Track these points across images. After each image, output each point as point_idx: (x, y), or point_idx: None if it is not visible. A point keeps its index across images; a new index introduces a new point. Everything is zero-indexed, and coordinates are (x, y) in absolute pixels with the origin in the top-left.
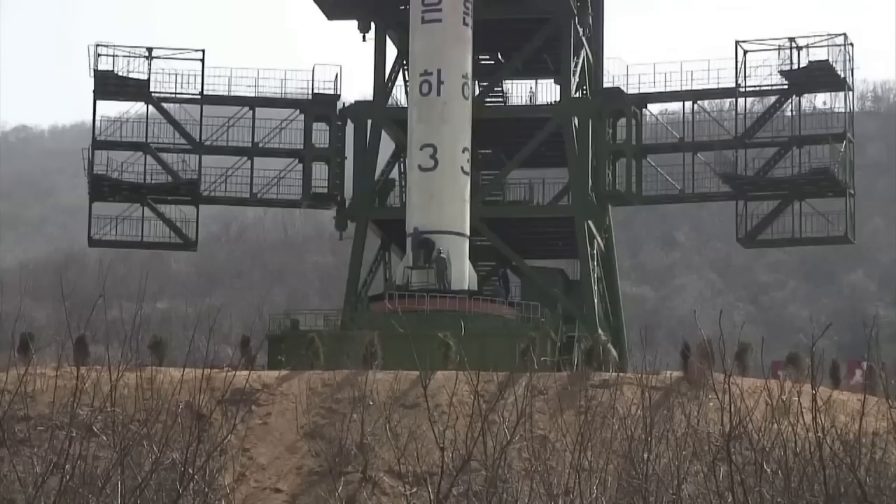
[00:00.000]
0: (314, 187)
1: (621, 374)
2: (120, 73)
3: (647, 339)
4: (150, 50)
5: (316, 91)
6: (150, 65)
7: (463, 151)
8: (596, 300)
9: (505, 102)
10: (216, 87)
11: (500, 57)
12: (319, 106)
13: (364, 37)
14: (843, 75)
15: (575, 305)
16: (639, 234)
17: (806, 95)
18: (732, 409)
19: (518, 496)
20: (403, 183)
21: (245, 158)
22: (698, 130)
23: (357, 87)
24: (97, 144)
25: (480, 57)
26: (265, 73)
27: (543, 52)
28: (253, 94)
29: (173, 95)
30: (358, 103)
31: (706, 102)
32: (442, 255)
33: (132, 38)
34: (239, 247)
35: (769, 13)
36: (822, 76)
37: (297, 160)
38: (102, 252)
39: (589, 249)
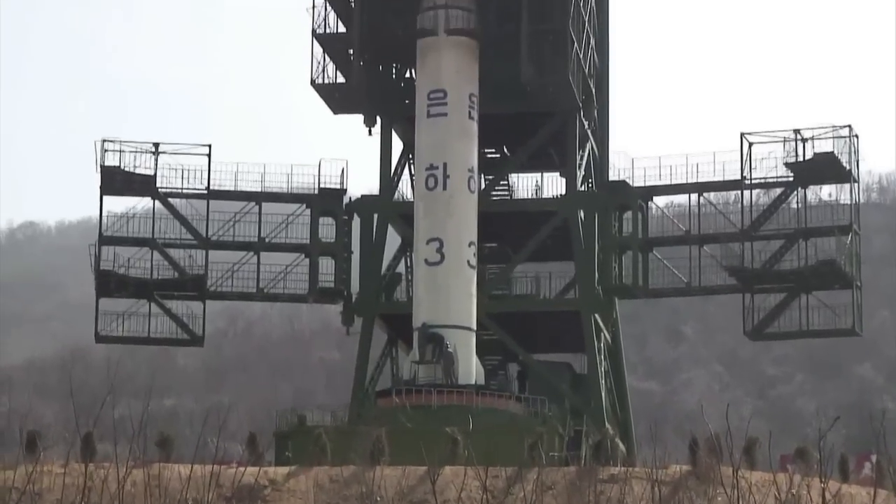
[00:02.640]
0: (321, 282)
1: (630, 469)
2: (126, 169)
3: (655, 433)
4: (156, 145)
5: (322, 185)
6: (156, 160)
7: (469, 245)
8: (603, 394)
9: (511, 196)
10: (223, 182)
11: (505, 150)
12: (326, 200)
13: (370, 131)
14: (848, 167)
15: (582, 400)
16: (646, 328)
17: (811, 187)
18: None
19: None
20: (410, 277)
21: (251, 253)
22: (704, 223)
23: (363, 181)
24: (104, 240)
25: (486, 150)
26: (271, 167)
27: (549, 145)
28: (259, 189)
29: (180, 191)
30: (364, 198)
31: (712, 195)
32: (449, 349)
33: (139, 134)
34: (245, 342)
35: (775, 105)
36: (827, 168)
37: (303, 255)
38: (109, 348)
39: (596, 343)
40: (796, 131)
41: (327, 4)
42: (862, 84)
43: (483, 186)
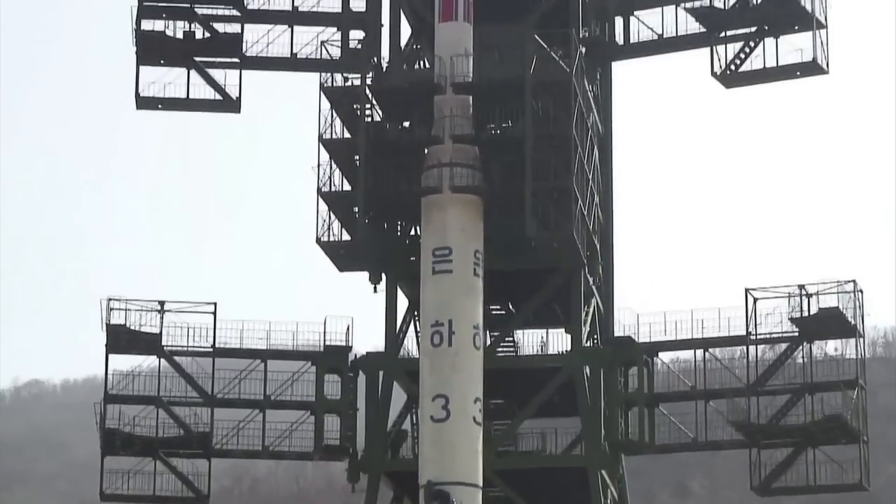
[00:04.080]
0: (326, 439)
1: None
2: (132, 327)
3: None
4: (161, 304)
5: (327, 343)
6: (162, 318)
7: (475, 402)
8: None
9: (516, 352)
10: (228, 339)
11: (510, 306)
12: (331, 358)
13: (375, 288)
14: (853, 322)
15: None
16: (652, 483)
17: (817, 342)
18: None
19: None
20: (416, 434)
21: (257, 411)
22: (710, 378)
23: (368, 338)
24: (109, 398)
25: (491, 307)
26: (277, 325)
27: (554, 301)
28: (265, 347)
29: (185, 349)
30: (369, 355)
31: (717, 350)
32: None
33: (144, 292)
34: (251, 500)
35: (778, 260)
36: (832, 323)
37: (308, 412)
38: None
39: (602, 500)
40: (801, 287)
41: (332, 163)
42: (866, 239)
43: (489, 343)
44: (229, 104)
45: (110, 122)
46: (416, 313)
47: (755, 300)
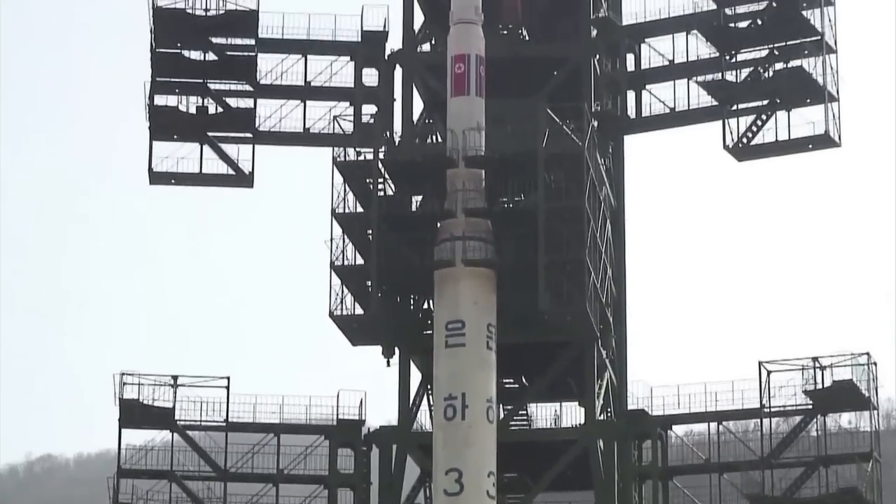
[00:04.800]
0: None
1: None
2: (145, 402)
3: None
4: (174, 378)
5: (341, 417)
6: (175, 392)
7: (488, 475)
8: None
9: (529, 425)
10: (241, 413)
11: (524, 380)
12: (344, 432)
13: (388, 362)
14: (867, 395)
15: None
16: None
17: (831, 415)
18: None
19: None
20: None
21: (270, 485)
22: (724, 451)
23: (381, 412)
24: (122, 473)
25: (505, 380)
26: (290, 399)
27: (567, 374)
28: (278, 421)
29: (198, 423)
30: (383, 429)
31: (731, 423)
32: None
33: (157, 366)
34: None
35: (792, 333)
36: (846, 396)
37: (322, 486)
38: None
39: None
40: (814, 359)
41: (345, 237)
42: (879, 311)
43: (502, 416)
44: (242, 179)
45: (123, 196)
46: (429, 387)
47: (769, 373)
